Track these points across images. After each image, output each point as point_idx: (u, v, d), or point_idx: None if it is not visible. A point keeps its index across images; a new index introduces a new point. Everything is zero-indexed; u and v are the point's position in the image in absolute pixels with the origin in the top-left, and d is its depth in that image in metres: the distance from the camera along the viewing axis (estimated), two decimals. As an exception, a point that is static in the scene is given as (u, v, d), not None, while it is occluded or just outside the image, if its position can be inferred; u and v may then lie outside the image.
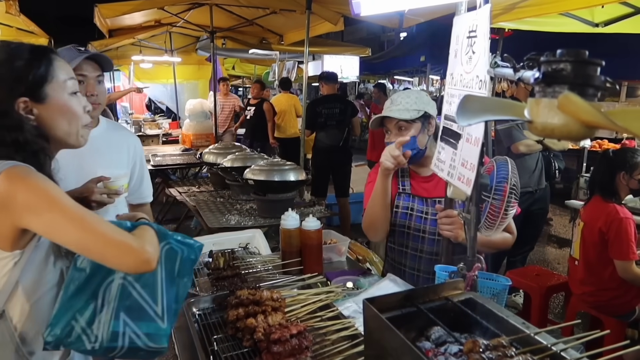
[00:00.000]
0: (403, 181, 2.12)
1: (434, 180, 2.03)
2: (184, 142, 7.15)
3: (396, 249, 2.13)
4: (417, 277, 2.07)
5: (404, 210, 2.06)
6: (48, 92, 1.29)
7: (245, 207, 3.81)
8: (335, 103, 5.54)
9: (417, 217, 2.04)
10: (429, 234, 2.01)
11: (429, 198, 2.03)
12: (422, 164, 2.07)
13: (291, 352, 1.37)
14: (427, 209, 2.02)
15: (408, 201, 2.07)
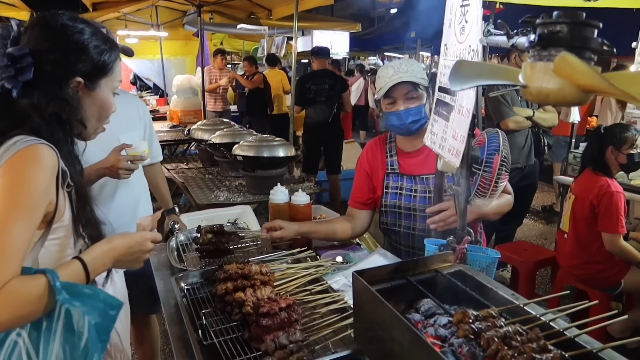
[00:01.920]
0: (391, 161, 2.08)
1: (422, 156, 2.01)
2: (172, 118, 7.05)
3: (390, 229, 2.12)
4: (413, 255, 2.05)
5: (394, 190, 2.04)
6: (101, 83, 1.31)
7: (235, 184, 3.78)
8: (324, 79, 5.47)
9: (407, 196, 2.01)
10: (419, 212, 1.98)
11: (417, 176, 2.01)
12: (411, 139, 2.04)
13: (280, 325, 1.36)
14: (416, 186, 2.00)
15: (397, 181, 2.04)
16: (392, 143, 2.11)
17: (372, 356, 1.26)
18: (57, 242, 1.21)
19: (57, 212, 1.18)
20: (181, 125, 6.53)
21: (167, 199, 2.61)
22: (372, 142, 2.22)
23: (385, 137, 2.16)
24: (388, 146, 2.11)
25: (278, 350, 1.30)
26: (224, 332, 1.45)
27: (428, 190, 1.94)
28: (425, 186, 1.97)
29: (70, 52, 1.24)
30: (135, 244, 1.32)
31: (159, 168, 2.59)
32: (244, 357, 1.31)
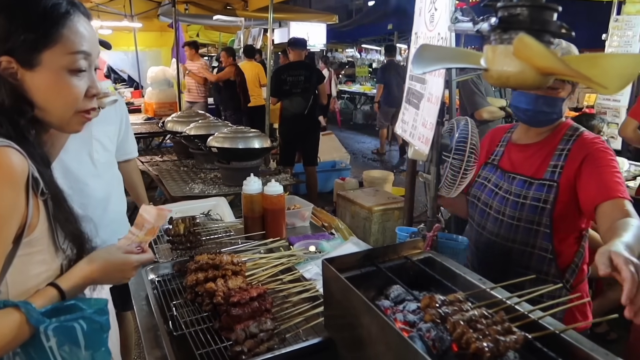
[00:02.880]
0: (497, 151, 1.84)
1: (528, 153, 1.71)
2: (147, 111, 6.94)
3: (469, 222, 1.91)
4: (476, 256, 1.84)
5: (482, 181, 1.82)
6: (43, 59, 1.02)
7: (210, 176, 3.75)
8: (300, 70, 5.44)
9: (489, 190, 1.77)
10: (494, 211, 1.74)
11: (509, 172, 1.73)
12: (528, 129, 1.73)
13: (251, 315, 1.35)
14: (502, 183, 1.74)
15: (490, 172, 1.81)
16: (509, 133, 1.85)
17: (343, 343, 1.26)
18: (28, 258, 1.04)
19: (26, 226, 1.00)
20: (156, 118, 6.43)
21: (142, 196, 2.56)
22: (497, 128, 1.97)
23: (508, 127, 1.90)
24: (505, 135, 1.86)
25: (248, 339, 1.29)
26: (194, 322, 1.44)
27: (510, 192, 1.70)
28: (510, 186, 1.70)
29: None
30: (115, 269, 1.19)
31: (134, 164, 2.54)
32: (214, 347, 1.30)
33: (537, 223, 1.63)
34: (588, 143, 1.59)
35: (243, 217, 2.13)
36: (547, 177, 1.61)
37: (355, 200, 4.44)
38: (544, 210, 1.61)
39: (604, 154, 1.55)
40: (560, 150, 1.63)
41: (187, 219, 2.03)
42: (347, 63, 16.98)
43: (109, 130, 2.14)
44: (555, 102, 1.59)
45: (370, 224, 4.23)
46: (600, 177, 1.50)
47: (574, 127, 1.67)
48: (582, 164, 1.55)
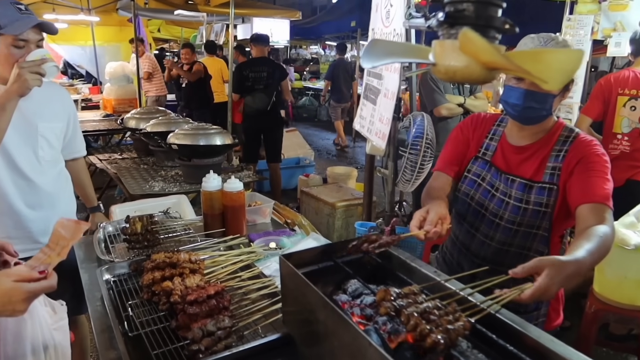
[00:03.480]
0: (488, 144, 1.75)
1: (525, 154, 1.66)
2: (105, 107, 6.76)
3: (456, 220, 1.83)
4: (465, 256, 1.79)
5: (474, 178, 1.74)
6: None
7: (171, 174, 3.68)
8: (263, 66, 5.40)
9: (485, 190, 1.70)
10: (490, 214, 1.68)
11: (506, 173, 1.67)
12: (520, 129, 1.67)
13: (208, 313, 1.34)
14: (499, 184, 1.67)
15: (483, 168, 1.73)
16: (500, 127, 1.76)
17: (301, 339, 1.26)
18: None
19: None
20: (115, 115, 6.27)
21: (91, 196, 2.48)
22: (477, 116, 1.87)
23: (496, 118, 1.81)
24: (494, 128, 1.77)
25: (206, 337, 1.27)
26: (150, 322, 1.41)
27: (509, 195, 1.64)
28: (508, 189, 1.65)
29: None
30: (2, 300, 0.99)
31: (83, 163, 2.46)
32: (171, 346, 1.28)
33: (537, 227, 1.62)
34: (585, 146, 1.58)
35: (202, 214, 2.10)
36: (547, 180, 1.60)
37: (319, 196, 4.44)
38: (545, 214, 1.60)
39: (598, 159, 1.55)
40: (557, 151, 1.61)
41: (144, 217, 1.99)
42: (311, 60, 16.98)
43: (55, 127, 2.08)
44: (545, 98, 1.55)
45: (334, 220, 4.25)
46: (588, 180, 1.51)
47: (568, 127, 1.66)
48: (575, 166, 1.55)
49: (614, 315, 2.61)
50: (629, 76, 3.22)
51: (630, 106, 3.22)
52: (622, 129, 3.26)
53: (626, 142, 3.23)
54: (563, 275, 1.16)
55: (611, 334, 3.17)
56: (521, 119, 1.62)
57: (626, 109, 3.24)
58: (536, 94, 1.52)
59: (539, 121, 1.61)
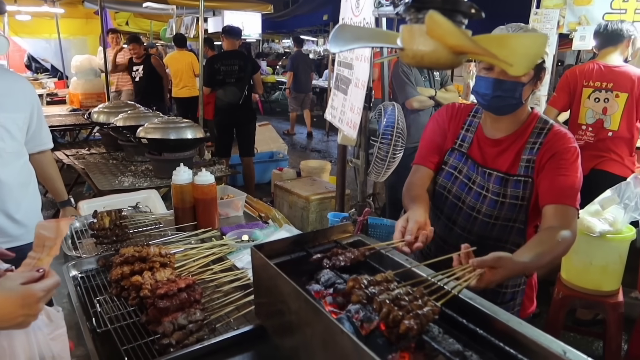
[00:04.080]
0: (464, 135, 1.74)
1: (500, 147, 1.66)
2: (72, 102, 6.59)
3: (433, 212, 1.80)
4: (442, 249, 1.76)
5: (451, 170, 1.73)
6: None
7: (141, 169, 3.62)
8: (234, 60, 5.33)
9: (462, 184, 1.70)
10: (467, 208, 1.69)
11: (483, 166, 1.67)
12: (495, 120, 1.67)
13: (179, 306, 1.31)
14: (476, 177, 1.68)
15: (459, 160, 1.72)
16: (476, 118, 1.75)
17: (274, 330, 1.26)
18: None
19: None
20: (83, 109, 6.12)
21: (60, 190, 2.41)
22: (452, 106, 1.84)
23: (470, 109, 1.80)
24: (469, 119, 1.76)
25: (177, 331, 1.25)
26: (120, 318, 1.38)
27: (487, 188, 1.64)
28: (485, 182, 1.65)
29: None
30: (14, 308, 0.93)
31: (49, 156, 2.37)
32: (141, 341, 1.26)
33: (514, 220, 1.64)
34: (559, 139, 1.58)
35: (173, 208, 2.06)
36: (522, 173, 1.60)
37: (293, 190, 4.44)
38: (521, 207, 1.61)
39: (570, 155, 1.55)
40: (531, 144, 1.61)
41: (112, 212, 1.95)
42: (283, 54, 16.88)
43: (17, 117, 2.01)
44: (515, 86, 1.53)
45: (308, 213, 4.25)
46: (558, 178, 1.53)
47: (542, 119, 1.66)
48: (548, 161, 1.56)
49: (580, 301, 2.68)
50: (593, 68, 3.30)
51: (595, 98, 3.30)
52: (586, 120, 3.35)
53: (590, 133, 3.32)
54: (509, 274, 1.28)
55: (578, 320, 3.27)
56: (491, 108, 1.62)
57: (590, 100, 3.32)
58: (504, 82, 1.53)
59: (510, 110, 1.60)
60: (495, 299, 1.12)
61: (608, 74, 3.25)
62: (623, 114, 3.20)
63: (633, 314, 2.70)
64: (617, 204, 2.58)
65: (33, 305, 0.95)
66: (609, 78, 3.24)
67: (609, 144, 3.26)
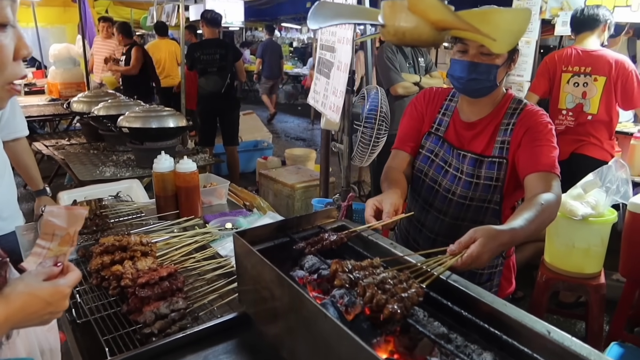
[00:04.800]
0: (441, 119, 1.75)
1: (475, 130, 1.68)
2: (51, 92, 6.43)
3: (410, 196, 1.83)
4: (420, 232, 1.80)
5: (428, 154, 1.75)
6: None
7: (122, 158, 3.56)
8: (215, 48, 5.25)
9: (438, 167, 1.72)
10: (443, 190, 1.70)
11: (458, 149, 1.69)
12: (471, 103, 1.69)
13: (161, 295, 1.29)
14: (452, 160, 1.69)
15: (436, 144, 1.74)
16: (453, 102, 1.77)
17: (258, 317, 1.24)
18: None
19: None
20: (62, 99, 5.99)
21: (36, 178, 2.36)
22: (429, 91, 1.86)
23: (447, 92, 1.81)
24: (446, 103, 1.78)
25: (159, 320, 1.23)
26: (100, 308, 1.35)
27: (461, 170, 1.66)
28: (460, 164, 1.67)
29: None
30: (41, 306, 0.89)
31: (25, 144, 2.32)
32: (122, 331, 1.23)
33: (489, 201, 1.65)
34: (532, 116, 1.60)
35: (155, 197, 2.03)
36: (496, 154, 1.62)
37: (278, 178, 4.41)
38: (495, 188, 1.62)
39: (543, 128, 1.57)
40: (505, 125, 1.62)
41: (92, 201, 1.91)
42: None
43: None
44: (489, 69, 1.54)
45: (293, 202, 4.23)
46: (534, 150, 1.54)
47: (516, 99, 1.67)
48: (523, 137, 1.58)
49: (563, 284, 2.71)
50: (571, 53, 3.32)
51: (574, 82, 3.33)
52: (566, 105, 3.37)
53: (570, 118, 3.35)
54: (496, 243, 1.21)
55: (561, 302, 3.31)
56: (467, 91, 1.63)
57: (570, 85, 3.34)
58: (479, 65, 1.53)
59: (485, 93, 1.61)
60: (472, 280, 1.11)
61: (586, 59, 3.27)
62: (602, 98, 3.23)
63: (614, 296, 2.74)
64: (599, 188, 2.61)
65: (61, 302, 0.93)
66: (587, 62, 3.26)
67: (588, 127, 3.29)
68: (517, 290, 3.33)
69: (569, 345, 0.84)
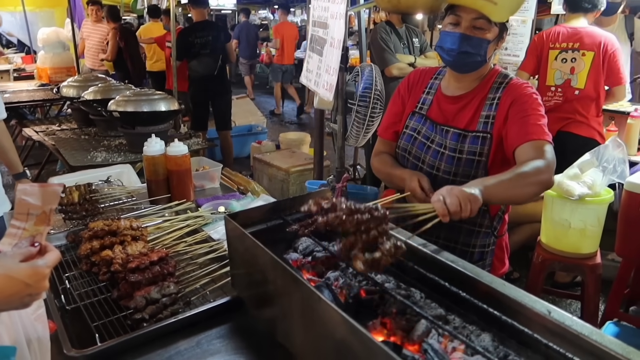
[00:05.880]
0: (425, 98, 1.74)
1: (460, 104, 1.66)
2: (40, 77, 6.33)
3: None
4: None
5: (411, 132, 1.73)
6: None
7: (114, 143, 3.52)
8: (207, 30, 5.15)
9: (420, 144, 1.69)
10: (427, 166, 1.67)
11: (441, 124, 1.67)
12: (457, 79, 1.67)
13: (152, 280, 1.27)
14: (434, 136, 1.67)
15: (419, 122, 1.72)
16: (437, 80, 1.75)
17: (251, 301, 1.22)
18: None
19: None
20: (52, 84, 5.89)
21: (15, 161, 2.30)
22: (420, 70, 1.84)
23: (434, 71, 1.79)
24: (431, 81, 1.76)
25: (150, 305, 1.21)
26: (90, 294, 1.33)
27: (444, 146, 1.64)
28: (443, 139, 1.64)
29: None
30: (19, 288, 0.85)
31: (4, 128, 2.25)
32: (112, 317, 1.21)
33: (473, 177, 1.61)
34: (516, 88, 1.58)
35: (146, 180, 1.99)
36: (481, 129, 1.59)
37: (272, 162, 4.37)
38: (479, 163, 1.60)
39: (529, 98, 1.55)
40: (490, 99, 1.60)
41: (82, 186, 1.87)
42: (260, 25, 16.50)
43: None
44: (480, 43, 1.52)
45: (288, 186, 4.20)
46: (522, 120, 1.52)
47: (502, 74, 1.64)
48: (509, 109, 1.55)
49: (559, 264, 2.70)
50: (559, 31, 3.35)
51: (562, 59, 3.33)
52: (555, 82, 3.37)
53: (559, 94, 3.35)
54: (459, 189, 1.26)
55: (556, 283, 3.31)
56: (456, 65, 1.60)
57: (557, 61, 3.35)
58: (471, 38, 1.51)
59: (474, 67, 1.59)
60: (463, 258, 1.09)
61: (574, 35, 3.27)
62: (590, 72, 3.24)
63: (610, 276, 2.73)
64: (596, 167, 2.59)
65: (40, 283, 0.88)
66: (575, 39, 3.27)
67: (575, 104, 3.30)
68: (513, 271, 3.36)
69: (570, 324, 0.81)
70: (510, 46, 4.23)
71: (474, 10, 1.48)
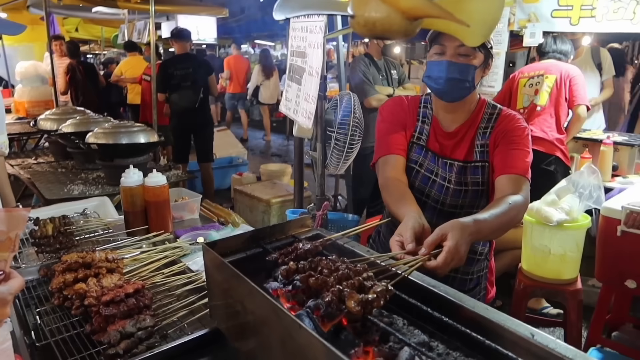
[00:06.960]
0: (422, 128, 1.69)
1: (456, 139, 1.65)
2: (18, 110, 6.26)
3: None
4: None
5: (412, 165, 1.68)
6: None
7: (92, 176, 3.46)
8: (188, 63, 5.20)
9: (424, 177, 1.66)
10: (432, 201, 1.66)
11: (442, 157, 1.65)
12: (449, 111, 1.66)
13: (127, 313, 1.22)
14: (438, 169, 1.65)
15: (419, 154, 1.68)
16: (427, 109, 1.71)
17: (230, 332, 1.18)
18: None
19: None
20: (29, 118, 5.83)
21: (9, 197, 2.27)
22: (399, 98, 1.79)
23: (419, 100, 1.76)
24: (421, 110, 1.72)
25: (124, 339, 1.16)
26: (62, 329, 1.27)
27: (448, 179, 1.62)
28: (447, 173, 1.63)
29: None
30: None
31: (2, 163, 2.28)
32: (85, 353, 1.16)
33: (477, 207, 1.63)
34: (509, 121, 1.61)
35: (123, 212, 1.95)
36: (478, 158, 1.62)
37: (253, 194, 4.35)
38: (482, 192, 1.62)
39: (521, 132, 1.59)
40: (483, 129, 1.63)
41: (56, 218, 1.82)
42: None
43: None
44: (467, 68, 1.52)
45: (269, 217, 4.17)
46: (509, 152, 1.55)
47: (490, 104, 1.67)
48: (501, 139, 1.59)
49: (541, 291, 2.71)
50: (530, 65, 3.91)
51: (529, 84, 3.78)
52: (523, 104, 3.79)
53: (525, 115, 3.67)
54: (466, 233, 1.19)
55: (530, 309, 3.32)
56: (445, 93, 1.59)
57: (526, 87, 3.81)
58: (458, 64, 1.52)
59: (463, 95, 1.58)
60: (462, 287, 1.08)
61: (541, 66, 3.77)
62: (552, 91, 3.65)
63: (591, 302, 2.74)
64: (572, 193, 2.63)
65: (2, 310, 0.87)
66: (540, 68, 3.76)
67: (536, 121, 3.65)
68: (495, 299, 3.35)
69: (554, 347, 0.80)
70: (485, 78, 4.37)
71: (456, 38, 1.46)
